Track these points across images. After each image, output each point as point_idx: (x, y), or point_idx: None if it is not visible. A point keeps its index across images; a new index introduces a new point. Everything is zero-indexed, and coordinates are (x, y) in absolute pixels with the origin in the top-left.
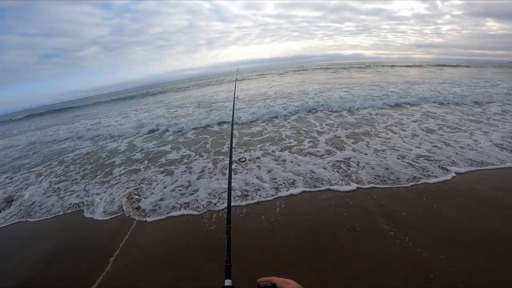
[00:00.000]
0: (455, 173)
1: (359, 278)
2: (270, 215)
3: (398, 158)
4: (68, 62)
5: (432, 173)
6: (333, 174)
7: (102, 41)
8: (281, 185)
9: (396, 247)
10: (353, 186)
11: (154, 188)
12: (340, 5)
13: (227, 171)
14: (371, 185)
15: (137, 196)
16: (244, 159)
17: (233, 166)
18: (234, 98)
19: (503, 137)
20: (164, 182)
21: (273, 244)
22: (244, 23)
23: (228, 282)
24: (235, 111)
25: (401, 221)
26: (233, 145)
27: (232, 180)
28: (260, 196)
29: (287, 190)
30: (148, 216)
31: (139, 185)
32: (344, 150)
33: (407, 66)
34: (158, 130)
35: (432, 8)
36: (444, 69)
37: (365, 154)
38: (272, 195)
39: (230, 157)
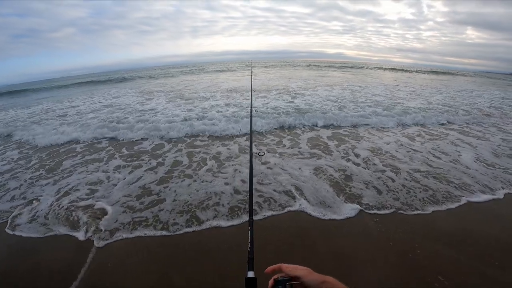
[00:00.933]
0: None
1: None
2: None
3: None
4: (42, 42)
5: None
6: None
7: (81, 23)
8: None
9: None
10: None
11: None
12: (330, 4)
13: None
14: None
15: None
16: (263, 153)
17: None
18: (251, 90)
19: None
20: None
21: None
22: (232, 14)
23: (251, 274)
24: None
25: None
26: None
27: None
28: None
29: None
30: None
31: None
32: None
33: (373, 68)
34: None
35: (418, 13)
36: (415, 75)
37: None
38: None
39: (251, 149)
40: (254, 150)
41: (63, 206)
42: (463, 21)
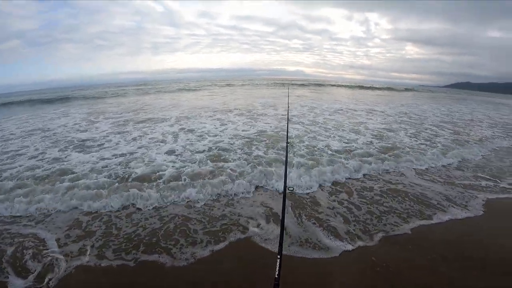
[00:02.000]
0: None
1: None
2: None
3: None
4: None
5: None
6: None
7: (29, 35)
8: None
9: None
10: None
11: None
12: (291, 23)
13: None
14: None
15: None
16: (292, 188)
17: None
18: (287, 120)
19: None
20: None
21: None
22: (196, 31)
23: None
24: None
25: None
26: None
27: None
28: None
29: None
30: None
31: None
32: None
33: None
34: None
35: (366, 31)
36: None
37: None
38: None
39: (285, 181)
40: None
41: None
42: (404, 37)
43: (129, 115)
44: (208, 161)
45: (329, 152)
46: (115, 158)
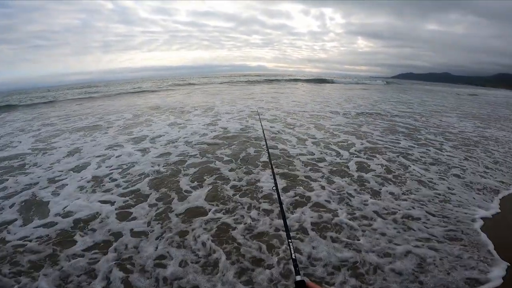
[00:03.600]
0: None
1: None
2: None
3: None
4: None
5: None
6: None
7: None
8: None
9: None
10: None
11: None
12: (251, 18)
13: None
14: None
15: None
16: None
17: None
18: None
19: None
20: None
21: None
22: (152, 28)
23: (298, 278)
24: None
25: None
26: None
27: None
28: None
29: None
30: None
31: None
32: None
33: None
34: None
35: (322, 25)
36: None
37: None
38: None
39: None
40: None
41: None
42: (355, 31)
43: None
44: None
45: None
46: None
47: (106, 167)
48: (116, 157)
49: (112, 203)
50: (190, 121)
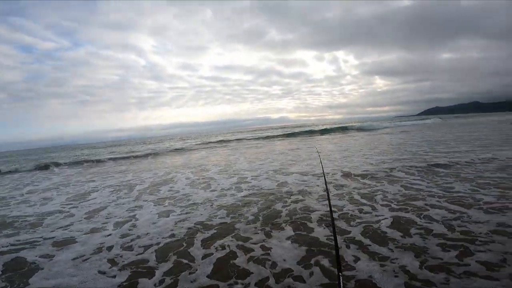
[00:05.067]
0: None
1: None
2: None
3: None
4: None
5: None
6: None
7: (12, 88)
8: None
9: None
10: None
11: None
12: (269, 69)
13: None
14: None
15: None
16: None
17: None
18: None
19: None
20: None
21: None
22: (179, 84)
23: None
24: None
25: None
26: None
27: None
28: None
29: None
30: None
31: None
32: None
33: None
34: None
35: (337, 69)
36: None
37: None
38: None
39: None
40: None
41: None
42: (371, 71)
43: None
44: None
45: None
46: None
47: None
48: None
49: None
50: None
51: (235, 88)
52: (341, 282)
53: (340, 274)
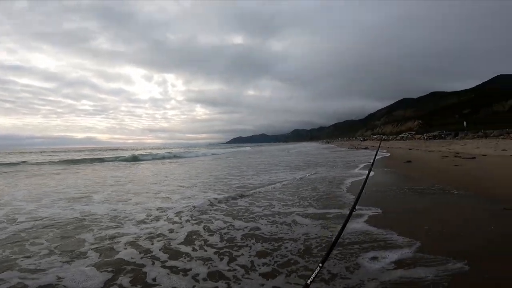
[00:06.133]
0: None
1: None
2: None
3: None
4: None
5: None
6: None
7: None
8: None
9: None
10: None
11: None
12: (81, 79)
13: None
14: None
15: None
16: None
17: None
18: None
19: None
20: None
21: None
22: None
23: None
24: None
25: None
26: None
27: None
28: None
29: None
30: None
31: None
32: None
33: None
34: None
35: (164, 92)
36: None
37: None
38: None
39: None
40: None
41: None
42: (194, 98)
43: None
44: None
45: None
46: None
47: None
48: None
49: None
50: None
51: (22, 95)
52: None
53: None
